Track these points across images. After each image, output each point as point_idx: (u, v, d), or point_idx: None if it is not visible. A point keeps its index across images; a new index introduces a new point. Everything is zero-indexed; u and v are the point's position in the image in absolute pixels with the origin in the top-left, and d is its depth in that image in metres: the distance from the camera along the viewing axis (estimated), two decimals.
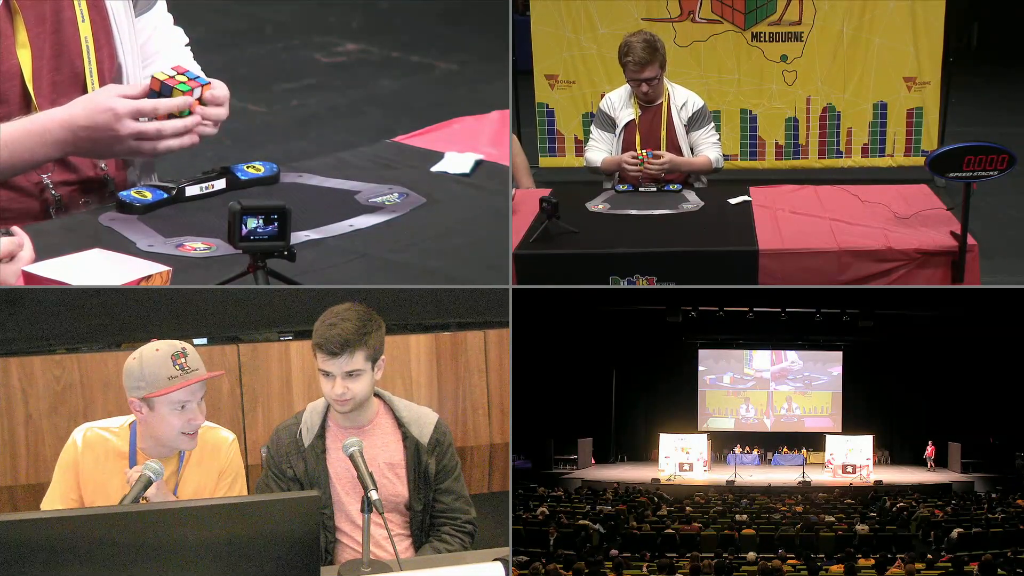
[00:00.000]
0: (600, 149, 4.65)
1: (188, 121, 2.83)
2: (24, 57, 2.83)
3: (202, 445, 2.92)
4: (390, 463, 2.97)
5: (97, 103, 2.79)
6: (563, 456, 8.75)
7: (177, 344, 2.80)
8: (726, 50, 6.74)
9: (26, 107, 2.84)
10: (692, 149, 4.61)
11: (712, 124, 4.65)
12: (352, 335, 2.81)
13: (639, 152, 4.42)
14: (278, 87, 7.34)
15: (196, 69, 3.21)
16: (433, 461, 2.98)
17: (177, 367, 2.75)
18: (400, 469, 2.97)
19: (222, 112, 2.92)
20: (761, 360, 10.00)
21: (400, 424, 2.99)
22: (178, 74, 2.86)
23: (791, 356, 10.01)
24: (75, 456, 2.86)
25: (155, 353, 2.77)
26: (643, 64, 4.44)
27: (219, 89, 2.92)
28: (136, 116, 2.77)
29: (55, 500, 2.88)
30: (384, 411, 3.02)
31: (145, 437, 2.84)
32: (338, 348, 2.81)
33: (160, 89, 2.81)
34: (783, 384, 10.04)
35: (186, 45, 3.26)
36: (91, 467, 2.85)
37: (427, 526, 3.02)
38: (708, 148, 4.56)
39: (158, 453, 2.85)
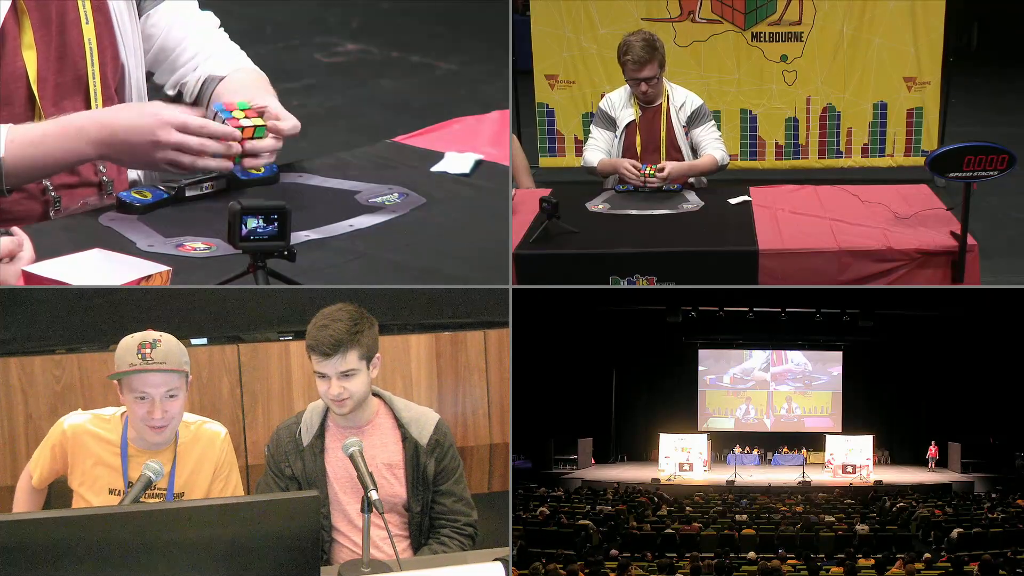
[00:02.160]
0: (599, 148, 4.64)
1: (233, 148, 2.80)
2: (30, 58, 2.82)
3: (194, 439, 2.93)
4: (388, 463, 2.96)
5: (144, 106, 2.77)
6: (563, 456, 8.75)
7: (153, 335, 2.80)
8: (726, 50, 6.74)
9: (30, 109, 2.83)
10: (694, 148, 4.61)
11: (712, 122, 4.64)
12: (344, 335, 2.82)
13: (641, 168, 4.38)
14: (278, 87, 7.31)
15: (234, 50, 3.19)
16: (432, 462, 2.98)
17: (139, 356, 2.75)
18: (398, 470, 2.97)
19: (274, 144, 2.89)
20: (758, 361, 10.00)
21: (400, 424, 2.99)
22: (246, 115, 2.85)
23: (794, 358, 10.01)
24: (61, 440, 2.89)
25: (130, 339, 2.80)
26: (642, 63, 4.44)
27: (285, 123, 2.90)
28: (182, 128, 2.74)
29: (38, 462, 2.94)
30: (384, 411, 3.02)
31: (131, 426, 2.87)
32: (330, 348, 2.81)
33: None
34: (783, 384, 10.04)
35: (219, 27, 3.22)
36: (74, 454, 2.88)
37: (426, 527, 3.01)
38: (711, 146, 4.55)
39: (143, 444, 2.86)
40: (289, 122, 2.92)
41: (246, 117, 2.85)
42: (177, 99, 3.17)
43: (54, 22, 2.86)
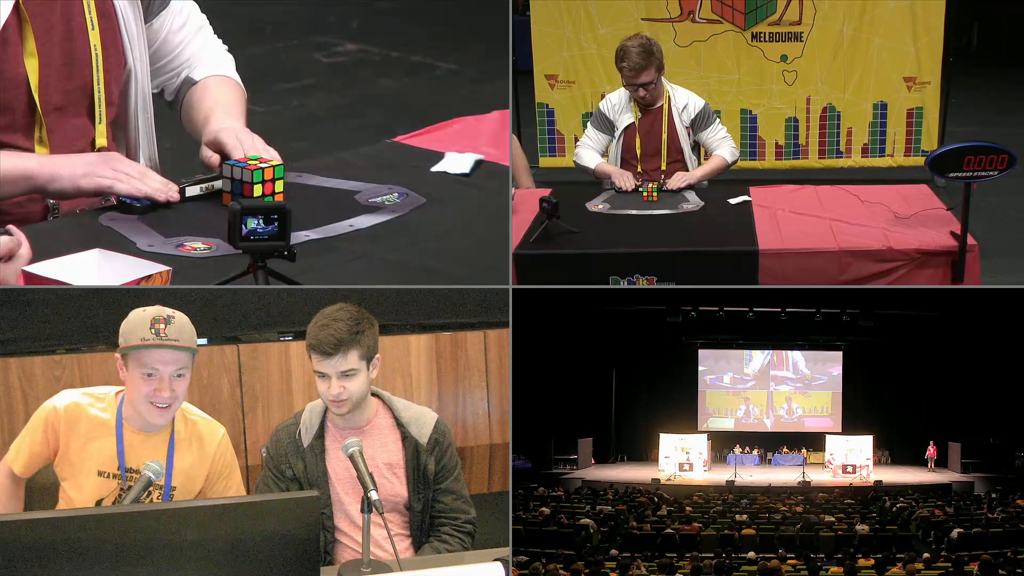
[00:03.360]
0: (592, 149, 4.63)
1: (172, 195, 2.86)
2: (31, 66, 2.82)
3: (191, 433, 2.91)
4: (389, 463, 2.97)
5: None
6: (563, 456, 8.75)
7: (166, 311, 2.78)
8: (726, 50, 6.74)
9: (30, 116, 2.83)
10: (705, 151, 4.61)
11: (717, 122, 4.65)
12: (345, 334, 2.82)
13: (637, 187, 4.37)
14: (278, 87, 7.34)
15: (215, 51, 3.21)
16: (432, 461, 2.98)
17: (153, 331, 2.72)
18: (399, 469, 2.97)
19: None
20: (758, 361, 10.00)
21: (399, 424, 2.99)
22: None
23: (796, 358, 10.00)
24: (53, 420, 2.83)
25: (141, 312, 2.77)
26: (638, 69, 4.43)
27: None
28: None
29: (23, 450, 2.87)
30: (383, 411, 3.02)
31: (128, 404, 2.82)
32: (331, 348, 2.81)
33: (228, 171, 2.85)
34: (783, 384, 10.04)
35: (207, 25, 3.24)
36: (67, 433, 2.82)
37: (427, 526, 3.02)
38: (720, 146, 4.55)
39: (139, 425, 2.82)
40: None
41: (261, 162, 2.87)
42: (158, 96, 3.20)
43: (58, 29, 2.85)
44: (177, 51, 3.16)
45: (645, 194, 4.28)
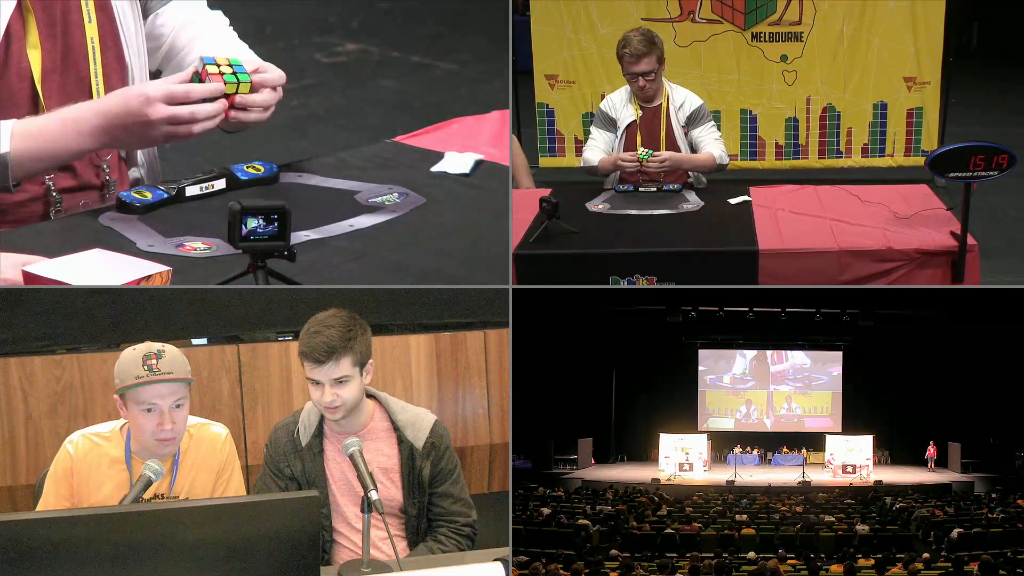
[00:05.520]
0: (599, 149, 4.63)
1: (219, 106, 2.77)
2: (34, 58, 2.81)
3: (197, 442, 2.92)
4: (384, 468, 2.95)
5: (129, 89, 2.76)
6: (563, 456, 8.74)
7: (156, 346, 2.81)
8: (726, 50, 6.74)
9: (35, 109, 2.82)
10: (695, 148, 4.60)
11: (712, 122, 4.64)
12: (337, 341, 2.81)
13: (639, 150, 4.39)
14: None
15: (243, 49, 3.15)
16: (428, 465, 2.96)
17: (146, 368, 2.75)
18: (394, 474, 2.96)
19: (269, 97, 2.87)
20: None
21: (395, 427, 2.98)
22: (223, 65, 2.81)
23: (795, 357, 10.00)
24: (69, 465, 2.86)
25: (132, 351, 2.80)
26: (639, 56, 4.42)
27: (271, 73, 2.88)
28: (168, 100, 2.71)
29: (50, 501, 2.88)
30: (380, 414, 3.00)
31: (134, 439, 2.85)
32: (324, 356, 2.80)
33: (205, 79, 2.77)
34: (783, 384, 10.04)
35: (228, 26, 3.20)
36: (85, 474, 2.85)
37: (423, 529, 3.00)
38: (710, 146, 4.55)
39: (148, 456, 2.84)
40: (274, 73, 2.90)
41: (228, 65, 2.81)
42: None
43: (59, 22, 2.85)
44: (190, 45, 3.12)
45: (644, 159, 4.31)
